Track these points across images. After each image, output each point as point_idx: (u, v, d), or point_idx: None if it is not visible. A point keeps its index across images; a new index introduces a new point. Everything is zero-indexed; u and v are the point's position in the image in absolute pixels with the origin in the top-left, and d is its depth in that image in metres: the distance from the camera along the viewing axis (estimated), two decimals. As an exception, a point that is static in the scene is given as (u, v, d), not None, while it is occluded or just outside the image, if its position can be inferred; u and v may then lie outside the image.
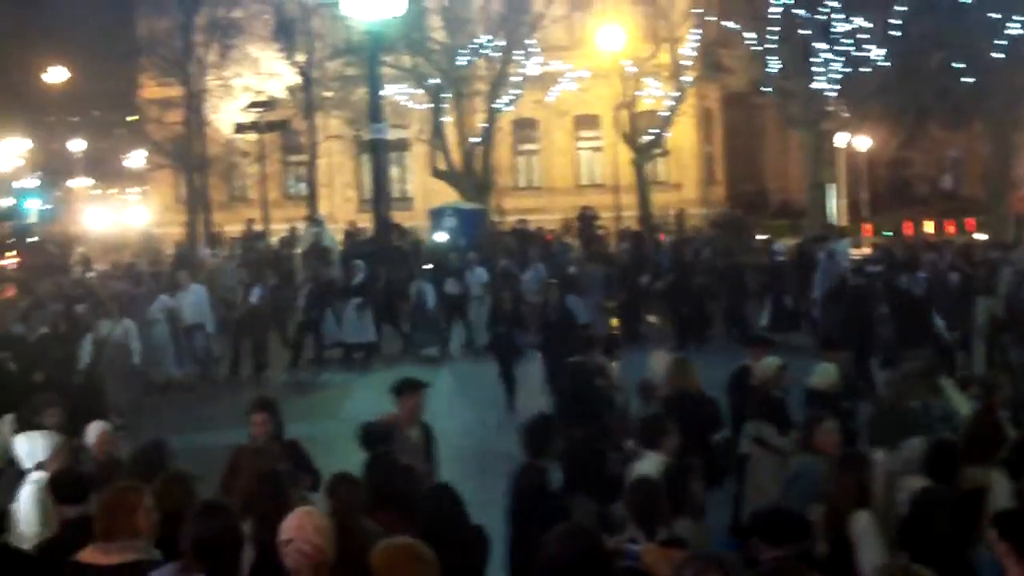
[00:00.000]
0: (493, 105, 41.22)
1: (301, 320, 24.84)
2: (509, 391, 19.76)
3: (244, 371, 23.77)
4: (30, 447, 9.18)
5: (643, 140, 42.98)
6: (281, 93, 45.26)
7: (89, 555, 6.20)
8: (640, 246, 30.98)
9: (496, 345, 20.79)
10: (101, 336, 19.15)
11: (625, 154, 43.16)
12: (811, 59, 38.14)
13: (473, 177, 40.70)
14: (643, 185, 42.82)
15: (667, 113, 42.82)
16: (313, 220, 36.21)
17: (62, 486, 7.77)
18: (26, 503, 7.73)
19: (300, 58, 43.33)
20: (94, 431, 9.69)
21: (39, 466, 8.79)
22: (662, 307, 26.96)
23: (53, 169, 64.71)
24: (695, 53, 43.00)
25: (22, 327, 19.42)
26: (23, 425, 10.92)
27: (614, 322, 26.00)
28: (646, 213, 41.90)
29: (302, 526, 5.98)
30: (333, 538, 6.05)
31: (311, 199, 42.99)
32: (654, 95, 43.80)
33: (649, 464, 8.99)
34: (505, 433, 16.98)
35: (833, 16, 37.22)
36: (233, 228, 43.20)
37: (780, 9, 37.37)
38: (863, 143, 50.96)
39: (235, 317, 24.06)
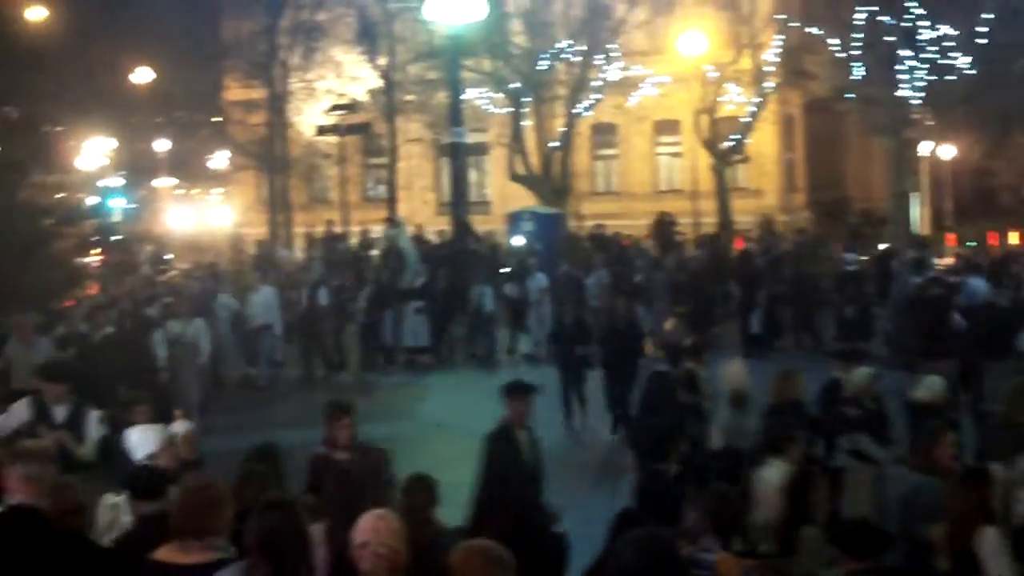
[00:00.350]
0: (573, 110, 41.17)
1: (362, 323, 24.90)
2: (567, 409, 18.99)
3: (315, 372, 23.90)
4: (140, 439, 9.28)
5: (723, 146, 42.74)
6: (363, 96, 45.62)
7: (168, 553, 6.25)
8: (715, 253, 30.75)
9: (556, 361, 19.84)
10: (172, 335, 19.27)
11: (705, 160, 42.92)
12: (895, 66, 37.71)
13: (551, 181, 40.69)
14: (723, 191, 42.56)
15: (748, 119, 42.53)
16: (391, 222, 36.39)
17: (139, 482, 7.86)
18: None
19: (382, 61, 43.63)
20: (180, 429, 9.77)
21: (150, 458, 8.89)
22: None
23: (137, 169, 65.53)
24: (777, 59, 42.67)
25: (87, 326, 19.53)
26: (113, 421, 11.04)
27: (670, 325, 25.85)
28: (725, 219, 41.64)
29: (377, 529, 5.99)
30: (407, 539, 6.07)
31: (390, 202, 43.23)
32: (735, 101, 43.54)
33: (774, 471, 8.86)
34: (569, 440, 16.98)
35: (918, 23, 36.77)
36: (312, 230, 43.50)
37: (865, 15, 36.98)
38: (947, 152, 50.24)
39: (298, 318, 24.15)
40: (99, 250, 38.54)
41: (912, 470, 9.96)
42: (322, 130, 42.08)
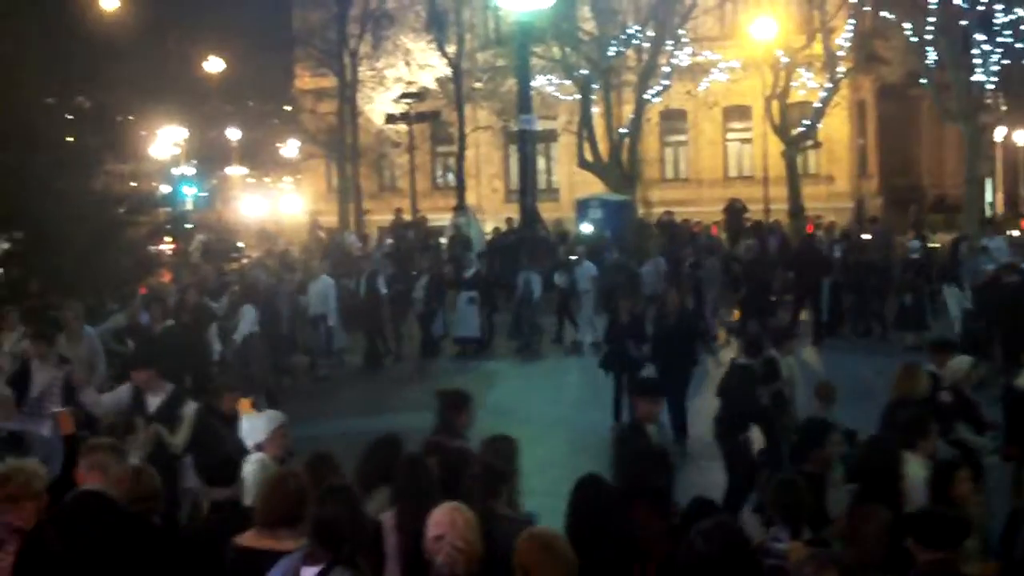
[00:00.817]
0: (642, 96, 41.00)
1: (420, 312, 24.86)
2: (617, 412, 17.48)
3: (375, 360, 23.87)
4: (251, 427, 9.31)
5: (795, 132, 42.36)
6: (432, 84, 45.76)
7: (253, 539, 6.29)
8: (764, 240, 30.47)
9: (608, 362, 18.07)
10: (228, 326, 19.29)
11: (775, 146, 42.56)
12: (969, 50, 37.15)
13: (620, 168, 40.56)
14: (794, 177, 42.20)
15: (820, 104, 42.12)
16: (459, 210, 36.50)
17: (212, 468, 7.94)
18: (249, 482, 7.84)
19: (451, 49, 43.69)
20: (273, 420, 9.57)
21: (259, 447, 8.90)
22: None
23: (209, 157, 66.23)
24: (849, 44, 42.20)
25: (146, 317, 19.21)
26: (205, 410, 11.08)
27: (736, 315, 25.72)
28: (796, 206, 41.29)
29: (454, 522, 6.00)
30: (480, 532, 6.07)
31: (459, 189, 43.33)
32: (807, 86, 43.15)
33: (915, 466, 8.69)
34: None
35: (993, 7, 36.20)
36: (383, 217, 43.75)
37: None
38: (1022, 137, 49.48)
39: (357, 307, 24.11)
40: (171, 238, 38.97)
41: (1007, 459, 9.79)
42: (391, 118, 42.27)
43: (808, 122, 42.40)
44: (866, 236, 30.61)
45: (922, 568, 6.20)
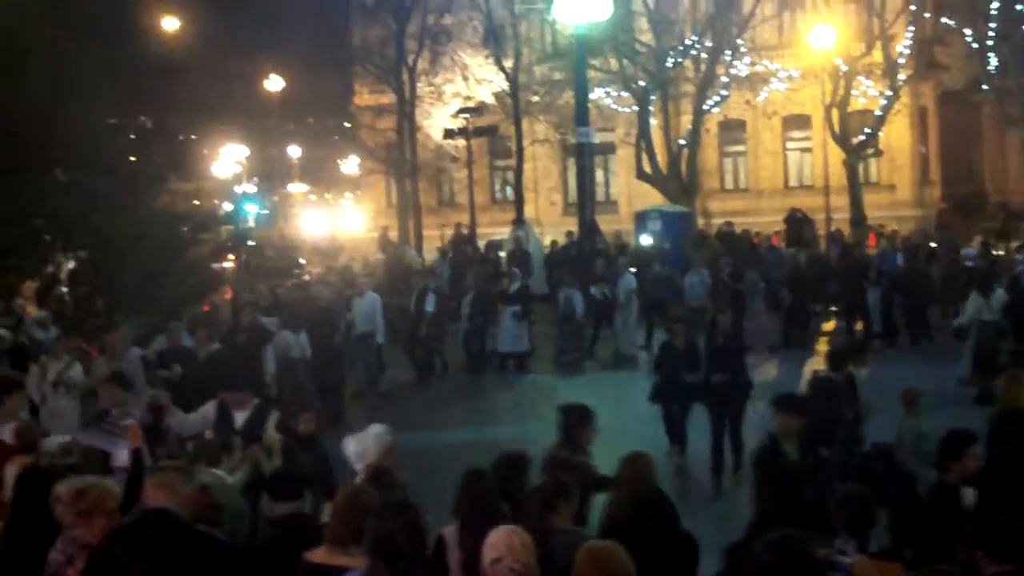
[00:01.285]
0: (700, 107, 40.86)
1: (466, 328, 24.63)
2: (672, 442, 16.32)
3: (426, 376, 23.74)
4: (359, 448, 9.11)
5: (855, 140, 42.05)
6: (489, 98, 45.86)
7: (325, 556, 6.32)
8: (810, 251, 30.25)
9: (661, 392, 16.55)
10: (281, 347, 18.89)
11: (836, 155, 42.26)
12: (1032, 55, 36.76)
13: (679, 179, 40.44)
14: (855, 186, 41.87)
15: (880, 112, 41.78)
16: (518, 224, 36.50)
17: (277, 484, 7.97)
18: None
19: (508, 63, 43.78)
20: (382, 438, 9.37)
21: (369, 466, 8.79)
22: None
23: (270, 175, 66.79)
24: (909, 51, 41.85)
25: (191, 341, 18.57)
26: (281, 430, 11.09)
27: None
28: (858, 215, 40.96)
29: (512, 545, 5.99)
30: (537, 555, 6.06)
31: (517, 203, 43.35)
32: (867, 94, 42.83)
33: None
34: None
35: (1056, 11, 35.82)
36: (438, 232, 43.85)
37: (999, 5, 36.09)
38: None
39: (406, 323, 23.91)
40: (233, 255, 39.30)
41: None
42: (449, 133, 42.38)
43: (869, 130, 42.08)
44: (932, 244, 30.33)
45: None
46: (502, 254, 34.01)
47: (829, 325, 26.10)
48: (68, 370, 15.43)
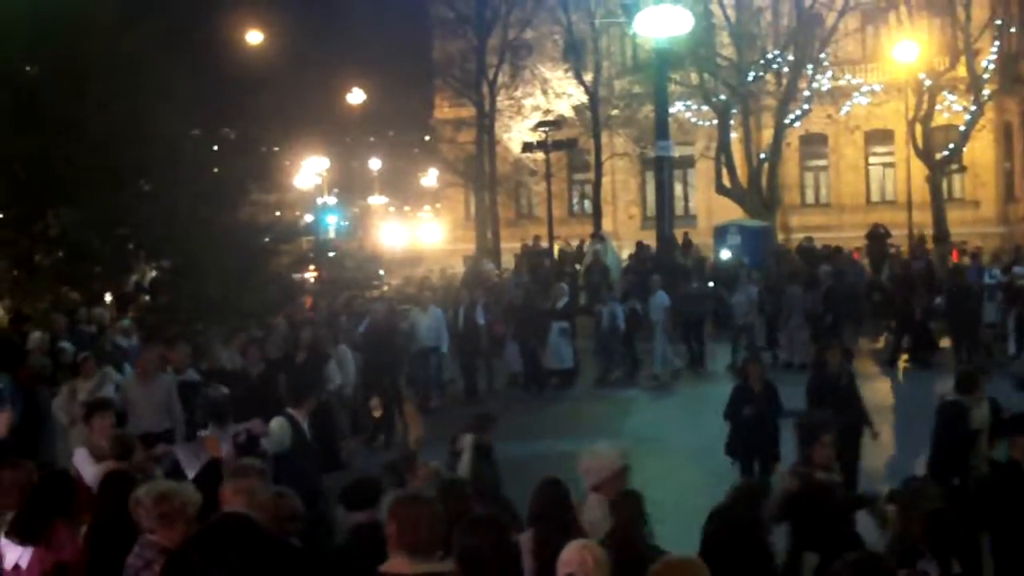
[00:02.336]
0: (782, 121, 40.56)
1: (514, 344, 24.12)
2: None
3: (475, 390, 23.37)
4: (596, 466, 8.76)
5: (939, 156, 41.49)
6: (568, 112, 45.91)
7: (396, 566, 6.32)
8: (916, 265, 29.83)
9: (738, 444, 14.24)
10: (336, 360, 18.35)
11: (919, 170, 41.74)
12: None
13: (759, 194, 40.16)
14: (938, 202, 41.32)
15: (964, 127, 41.21)
16: (596, 237, 36.44)
17: (351, 492, 8.00)
18: (587, 522, 7.72)
19: (588, 77, 43.77)
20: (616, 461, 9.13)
21: (595, 488, 8.56)
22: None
23: (350, 187, 67.33)
24: (994, 65, 41.24)
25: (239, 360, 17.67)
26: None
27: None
28: (941, 231, 40.41)
29: (584, 561, 5.97)
30: (610, 570, 6.01)
31: (595, 216, 43.31)
32: (951, 109, 42.28)
33: None
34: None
35: None
36: (518, 245, 43.91)
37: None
38: None
39: (457, 337, 23.43)
40: (314, 267, 39.65)
41: None
42: (528, 146, 42.46)
43: (953, 145, 41.51)
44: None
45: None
46: (578, 267, 33.96)
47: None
48: (100, 390, 14.43)
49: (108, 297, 24.24)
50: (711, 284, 28.79)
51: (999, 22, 40.97)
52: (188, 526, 7.06)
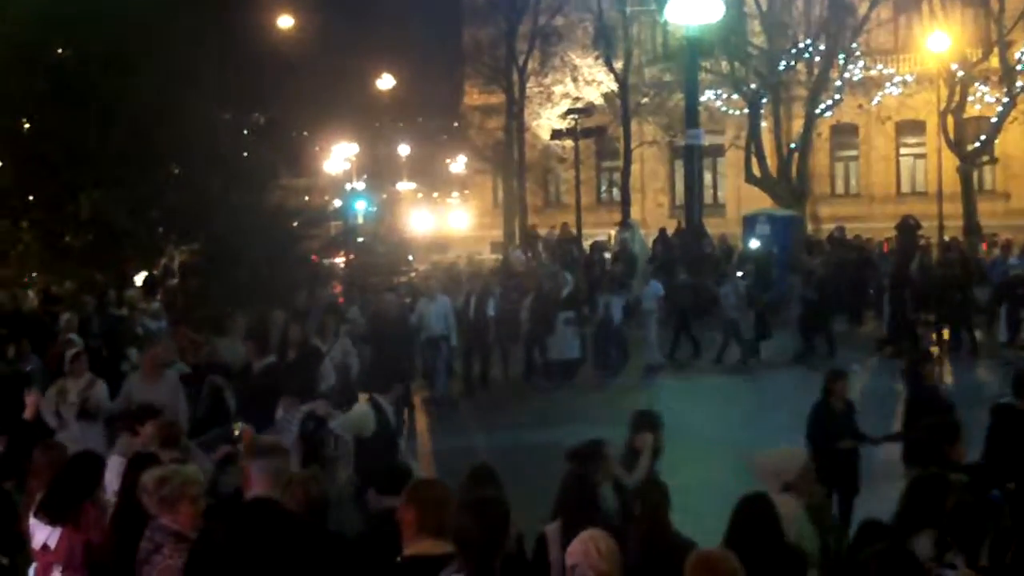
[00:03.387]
0: (813, 110, 40.40)
1: (526, 333, 23.45)
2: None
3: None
4: (781, 464, 8.62)
5: (970, 147, 41.25)
6: (598, 99, 45.83)
7: (424, 547, 6.36)
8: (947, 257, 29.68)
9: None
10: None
11: (950, 161, 41.52)
12: None
13: (789, 183, 40.02)
14: (969, 194, 41.10)
15: (996, 119, 40.95)
16: (624, 225, 36.41)
17: (382, 477, 8.05)
18: (787, 520, 7.62)
19: (618, 64, 43.68)
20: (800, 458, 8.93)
21: (787, 486, 8.37)
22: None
23: (379, 172, 67.44)
24: (1028, 57, 40.96)
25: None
26: None
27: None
28: (971, 223, 40.19)
29: (588, 552, 5.98)
30: (619, 561, 6.01)
31: (624, 204, 43.26)
32: (983, 100, 42.02)
33: None
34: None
35: None
36: (546, 232, 43.89)
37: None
38: None
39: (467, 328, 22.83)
40: (343, 252, 39.78)
41: None
42: (557, 134, 42.44)
43: (984, 137, 41.26)
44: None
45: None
46: (607, 255, 33.94)
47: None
48: (91, 390, 13.42)
49: (138, 279, 24.35)
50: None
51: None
52: (194, 507, 7.06)
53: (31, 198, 22.68)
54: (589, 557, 5.95)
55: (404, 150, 67.77)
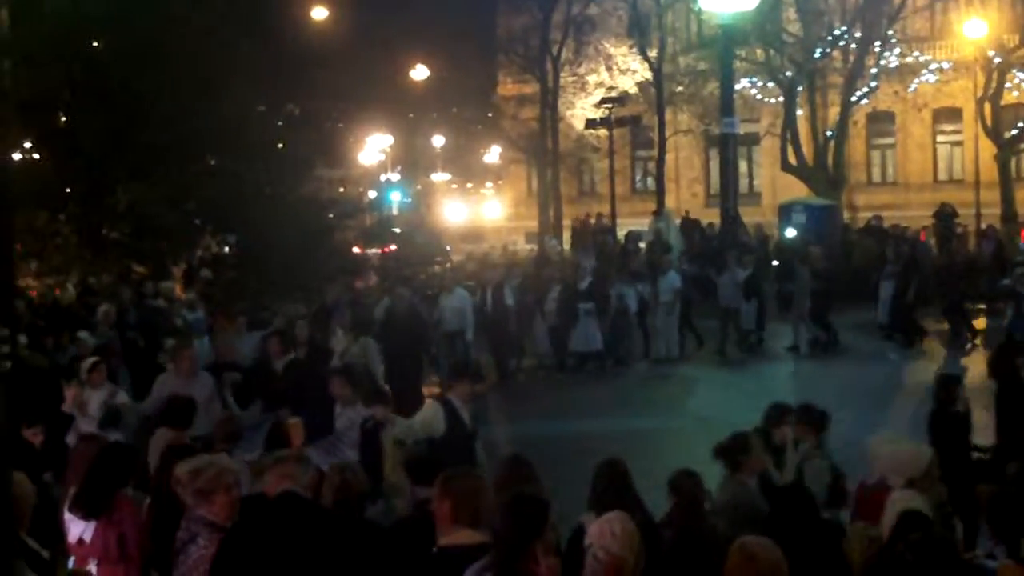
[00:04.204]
0: (849, 98, 40.15)
1: (552, 324, 23.22)
2: None
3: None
4: (900, 461, 8.19)
5: (1008, 134, 40.92)
6: (632, 88, 45.71)
7: (461, 537, 6.39)
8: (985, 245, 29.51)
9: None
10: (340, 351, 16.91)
11: (988, 149, 41.20)
12: None
13: (825, 172, 39.81)
14: (1007, 181, 40.77)
15: (1035, 106, 40.64)
16: (659, 215, 36.31)
17: (418, 467, 8.07)
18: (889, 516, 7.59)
19: (652, 53, 43.55)
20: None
21: (910, 482, 7.93)
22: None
23: (413, 163, 67.51)
24: (1067, 43, 40.59)
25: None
26: None
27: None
28: (1009, 211, 39.88)
29: (602, 533, 6.01)
30: (636, 544, 6.00)
31: (659, 194, 43.14)
32: (1021, 87, 41.68)
33: None
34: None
35: None
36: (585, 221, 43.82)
37: None
38: None
39: (485, 318, 22.62)
40: (378, 243, 39.89)
41: None
42: (592, 123, 42.35)
43: (1022, 124, 40.92)
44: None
45: None
46: (642, 245, 33.85)
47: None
48: (113, 401, 12.57)
49: (176, 271, 24.50)
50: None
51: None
52: (230, 497, 7.11)
53: (69, 191, 22.84)
54: (603, 537, 5.98)
55: (438, 140, 67.72)
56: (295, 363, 14.48)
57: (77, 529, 7.95)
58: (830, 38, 40.32)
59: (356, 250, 34.33)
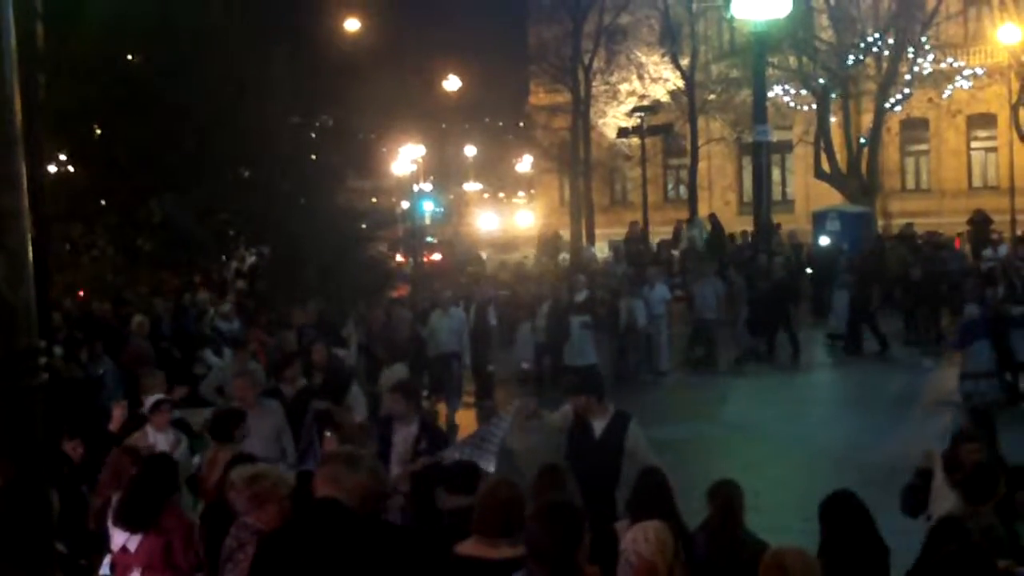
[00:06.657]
0: (882, 105, 39.98)
1: (540, 341, 22.33)
2: None
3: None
4: None
5: (1043, 140, 40.67)
6: (664, 97, 45.67)
7: (474, 548, 6.39)
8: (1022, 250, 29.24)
9: None
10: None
11: (1022, 155, 40.93)
12: None
13: (858, 179, 39.65)
14: (1042, 188, 40.49)
15: (1070, 111, 40.34)
16: (691, 222, 36.27)
17: (453, 476, 8.07)
18: None
19: (684, 61, 43.50)
20: None
21: None
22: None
23: (446, 173, 67.73)
24: (1103, 47, 40.28)
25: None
26: None
27: None
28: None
29: (635, 539, 6.00)
30: (670, 552, 5.99)
31: (691, 202, 43.08)
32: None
33: None
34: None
35: None
36: (612, 231, 43.83)
37: None
38: None
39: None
40: (411, 253, 39.98)
41: None
42: (624, 132, 42.33)
43: (1057, 130, 40.66)
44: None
45: None
46: (675, 252, 33.83)
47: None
48: (177, 449, 11.12)
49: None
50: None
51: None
52: (281, 507, 7.12)
53: (104, 202, 22.98)
54: (636, 543, 5.97)
55: (470, 151, 68.01)
56: (308, 391, 12.92)
57: (121, 537, 7.98)
58: (863, 45, 40.17)
59: (400, 259, 34.31)
